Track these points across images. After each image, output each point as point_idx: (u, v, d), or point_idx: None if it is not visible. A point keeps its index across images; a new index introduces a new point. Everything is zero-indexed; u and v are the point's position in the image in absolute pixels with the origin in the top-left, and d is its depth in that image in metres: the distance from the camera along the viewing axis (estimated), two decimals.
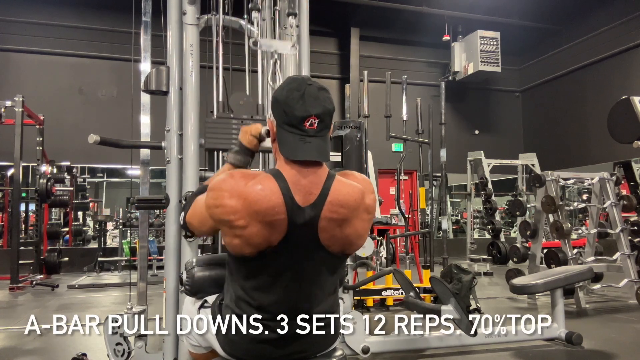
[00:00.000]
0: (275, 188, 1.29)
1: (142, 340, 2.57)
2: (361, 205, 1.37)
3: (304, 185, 1.31)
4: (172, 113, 2.54)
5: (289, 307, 1.38)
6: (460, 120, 11.62)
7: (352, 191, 1.36)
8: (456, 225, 12.22)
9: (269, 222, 1.28)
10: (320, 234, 1.33)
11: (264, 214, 1.27)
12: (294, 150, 1.31)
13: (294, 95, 1.32)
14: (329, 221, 1.32)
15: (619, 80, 9.60)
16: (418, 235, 6.12)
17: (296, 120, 1.30)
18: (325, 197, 1.32)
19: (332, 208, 1.32)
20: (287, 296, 1.37)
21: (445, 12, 10.37)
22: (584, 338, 3.43)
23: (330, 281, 1.44)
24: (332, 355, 1.51)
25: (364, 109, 5.81)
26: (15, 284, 6.21)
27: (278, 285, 1.36)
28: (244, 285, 1.39)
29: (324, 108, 1.33)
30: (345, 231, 1.35)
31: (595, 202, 5.41)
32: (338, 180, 1.36)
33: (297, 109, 1.30)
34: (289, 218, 1.29)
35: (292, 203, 1.29)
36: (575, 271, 3.67)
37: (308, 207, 1.31)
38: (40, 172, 7.05)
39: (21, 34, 9.06)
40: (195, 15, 2.56)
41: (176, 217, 2.49)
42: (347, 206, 1.34)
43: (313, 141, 1.31)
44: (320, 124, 1.32)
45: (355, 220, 1.36)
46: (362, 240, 1.42)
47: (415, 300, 3.23)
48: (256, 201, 1.27)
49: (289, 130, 1.32)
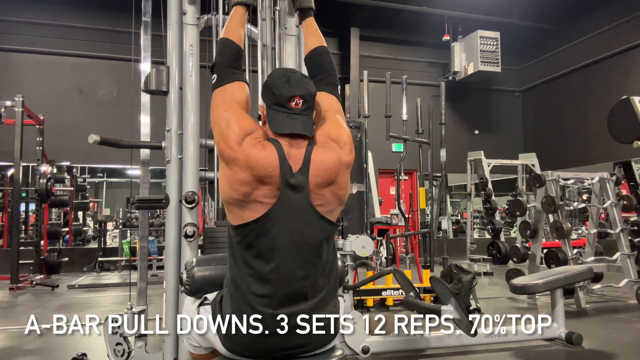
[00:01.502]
0: (272, 151, 1.43)
1: (142, 340, 2.56)
2: (341, 164, 1.50)
3: (294, 154, 1.45)
4: (172, 113, 2.54)
5: (288, 274, 1.42)
6: (460, 120, 11.62)
7: (330, 156, 1.48)
8: (456, 225, 12.22)
9: (263, 175, 1.40)
10: (311, 195, 1.45)
11: (259, 170, 1.40)
12: (282, 125, 1.47)
13: (281, 79, 1.50)
14: (317, 184, 1.45)
15: (619, 80, 9.60)
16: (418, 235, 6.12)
17: (283, 99, 1.48)
18: (308, 164, 1.45)
19: (316, 173, 1.45)
20: (286, 262, 1.42)
21: (445, 12, 10.37)
22: (584, 338, 3.43)
23: (325, 250, 1.49)
24: (331, 355, 1.52)
25: (364, 109, 5.81)
26: (15, 284, 6.21)
27: (277, 250, 1.42)
28: (246, 257, 1.43)
29: (307, 90, 1.50)
30: (332, 189, 1.48)
31: (595, 202, 5.40)
32: (317, 148, 1.49)
33: (284, 90, 1.48)
34: (282, 178, 1.41)
35: (285, 164, 1.42)
36: (575, 271, 3.67)
37: (297, 172, 1.44)
38: (40, 172, 7.04)
39: (21, 34, 9.06)
40: (195, 15, 2.55)
41: (176, 217, 2.48)
42: (329, 170, 1.47)
43: (298, 118, 1.48)
44: (304, 104, 1.49)
45: (339, 177, 1.49)
46: (346, 191, 1.55)
47: (415, 300, 3.23)
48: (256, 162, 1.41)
49: (277, 110, 1.49)
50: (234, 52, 1.63)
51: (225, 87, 1.56)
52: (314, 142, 1.51)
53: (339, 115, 1.61)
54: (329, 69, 1.72)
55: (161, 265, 6.99)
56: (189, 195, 2.41)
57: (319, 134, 1.54)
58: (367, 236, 3.38)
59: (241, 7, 1.73)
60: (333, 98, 1.65)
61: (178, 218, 2.48)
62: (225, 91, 1.56)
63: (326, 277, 1.51)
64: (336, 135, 1.53)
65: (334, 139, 1.52)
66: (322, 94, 1.62)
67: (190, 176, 2.47)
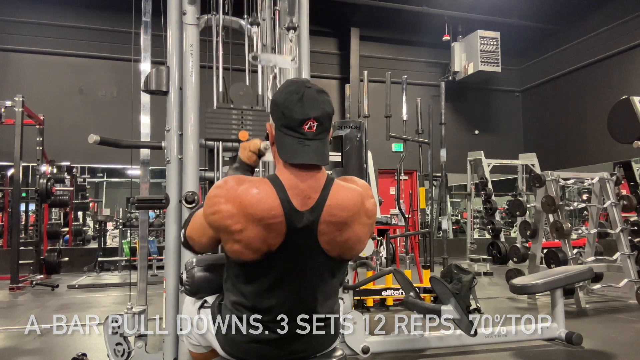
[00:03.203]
0: (271, 191, 1.28)
1: (142, 340, 2.56)
2: (361, 209, 1.36)
3: (303, 189, 1.30)
4: (172, 113, 2.54)
5: (289, 310, 1.38)
6: (460, 120, 11.62)
7: (351, 195, 1.35)
8: (456, 225, 12.22)
9: (265, 225, 1.26)
10: (319, 237, 1.31)
11: (260, 217, 1.25)
12: (293, 153, 1.30)
13: (293, 97, 1.30)
14: (329, 225, 1.31)
15: (619, 80, 9.60)
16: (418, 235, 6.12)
17: (295, 123, 1.29)
18: (325, 200, 1.31)
19: (331, 212, 1.30)
20: (287, 300, 1.37)
21: (445, 12, 10.37)
22: (584, 338, 3.43)
23: (330, 285, 1.44)
24: (332, 355, 1.52)
25: (364, 109, 5.81)
26: (15, 284, 6.21)
27: (278, 289, 1.35)
28: (243, 290, 1.38)
29: (323, 111, 1.31)
30: (344, 235, 1.34)
31: (595, 202, 5.40)
32: (337, 185, 1.35)
33: (295, 111, 1.29)
34: (287, 221, 1.28)
35: (289, 207, 1.28)
36: (575, 271, 3.66)
37: (307, 211, 1.29)
38: (40, 172, 7.04)
39: (21, 33, 9.06)
40: (195, 15, 2.55)
41: (176, 217, 2.49)
42: (347, 210, 1.32)
43: (312, 144, 1.30)
44: (320, 127, 1.31)
45: (355, 224, 1.35)
46: (362, 245, 1.40)
47: (415, 300, 3.23)
48: (251, 204, 1.26)
49: (288, 134, 1.31)
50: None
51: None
52: (332, 177, 1.37)
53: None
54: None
55: (161, 266, 6.99)
56: (189, 195, 2.42)
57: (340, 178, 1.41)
58: None
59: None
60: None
61: (178, 218, 2.48)
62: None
63: (330, 297, 1.46)
64: (362, 183, 1.42)
65: (357, 185, 1.40)
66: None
67: (190, 176, 2.47)
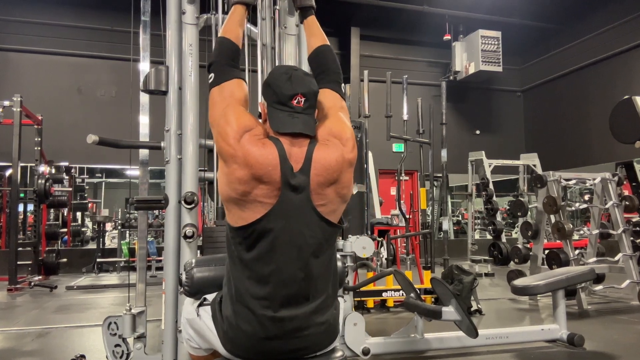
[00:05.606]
0: (273, 149, 1.40)
1: (141, 342, 2.55)
2: (344, 163, 1.47)
3: (295, 153, 1.43)
4: (171, 113, 2.52)
5: (288, 275, 1.41)
6: (461, 120, 11.61)
7: (331, 154, 1.45)
8: (457, 226, 12.21)
9: (261, 174, 1.37)
10: (312, 195, 1.42)
11: (257, 168, 1.37)
12: (283, 124, 1.44)
13: (283, 77, 1.48)
14: (319, 184, 1.42)
15: (621, 80, 9.59)
16: (419, 236, 6.11)
17: (285, 97, 1.45)
18: (310, 162, 1.42)
19: (318, 172, 1.42)
20: (286, 264, 1.41)
21: (446, 11, 10.36)
22: (586, 339, 3.42)
23: (326, 252, 1.47)
24: (332, 356, 1.52)
25: (365, 108, 5.80)
26: (14, 285, 6.20)
27: (277, 252, 1.40)
28: (245, 259, 1.41)
29: (309, 88, 1.48)
30: (335, 188, 1.46)
31: (597, 202, 5.38)
32: (319, 147, 1.45)
33: (285, 88, 1.45)
34: (282, 178, 1.38)
35: (285, 164, 1.39)
36: (577, 272, 3.65)
37: (299, 172, 1.41)
38: (39, 173, 7.02)
39: (20, 33, 9.05)
40: (195, 15, 2.53)
41: (175, 218, 2.46)
42: (331, 168, 1.44)
43: (300, 117, 1.45)
44: (306, 102, 1.47)
45: (341, 176, 1.46)
46: (350, 190, 1.52)
47: (416, 301, 3.22)
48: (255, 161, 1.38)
49: (279, 108, 1.46)
50: (231, 51, 1.61)
51: (223, 85, 1.54)
52: (315, 140, 1.48)
53: (341, 113, 1.59)
54: (332, 66, 1.70)
55: (160, 266, 6.96)
56: (188, 195, 2.40)
57: (321, 131, 1.51)
58: (367, 237, 3.36)
59: (240, 6, 1.71)
60: (336, 95, 1.63)
61: (177, 219, 2.46)
62: (224, 89, 1.53)
63: (327, 279, 1.50)
64: (338, 132, 1.51)
65: (336, 136, 1.50)
66: (325, 91, 1.60)
67: (190, 176, 2.45)
